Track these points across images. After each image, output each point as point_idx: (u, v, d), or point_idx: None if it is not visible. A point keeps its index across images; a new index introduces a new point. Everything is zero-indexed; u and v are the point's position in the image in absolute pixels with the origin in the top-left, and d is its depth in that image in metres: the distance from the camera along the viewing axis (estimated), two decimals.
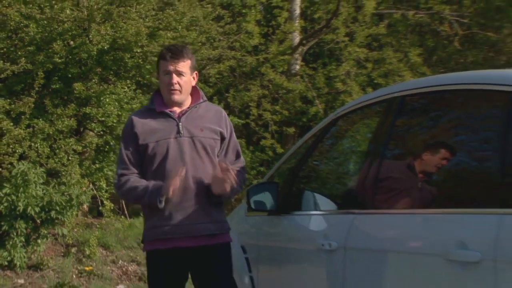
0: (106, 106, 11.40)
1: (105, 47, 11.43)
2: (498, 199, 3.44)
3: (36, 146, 11.00)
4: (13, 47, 11.79)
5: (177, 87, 4.57)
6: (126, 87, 11.86)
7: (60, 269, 10.70)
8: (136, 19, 11.68)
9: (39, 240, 10.54)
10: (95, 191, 11.63)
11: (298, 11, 17.07)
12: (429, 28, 18.74)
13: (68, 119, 11.33)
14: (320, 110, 16.01)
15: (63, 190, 10.44)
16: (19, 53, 11.53)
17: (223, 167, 4.46)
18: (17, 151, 10.83)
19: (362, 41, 16.59)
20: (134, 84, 12.21)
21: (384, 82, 15.77)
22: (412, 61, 16.78)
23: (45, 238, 10.69)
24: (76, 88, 11.29)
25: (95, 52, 11.46)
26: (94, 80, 11.73)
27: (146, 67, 12.05)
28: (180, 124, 4.58)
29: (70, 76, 11.68)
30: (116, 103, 11.48)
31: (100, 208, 12.10)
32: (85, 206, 12.23)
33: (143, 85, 12.84)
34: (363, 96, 6.36)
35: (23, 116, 11.00)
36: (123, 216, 12.48)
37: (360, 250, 4.23)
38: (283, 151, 15.00)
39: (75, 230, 11.63)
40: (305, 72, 16.52)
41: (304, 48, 16.80)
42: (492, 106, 3.76)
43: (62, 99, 11.81)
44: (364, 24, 16.64)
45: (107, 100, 11.43)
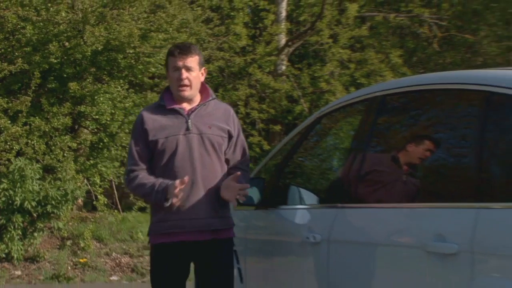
0: (100, 104, 11.39)
1: (99, 48, 11.40)
2: (474, 193, 3.45)
3: (32, 143, 10.99)
4: (10, 48, 11.78)
5: (186, 82, 4.47)
6: (119, 87, 11.84)
7: (55, 261, 10.68)
8: (129, 21, 11.65)
9: (35, 233, 10.54)
10: (89, 186, 11.62)
11: (284, 13, 17.07)
12: (409, 30, 18.81)
13: (64, 117, 11.33)
14: (305, 108, 16.03)
15: (58, 185, 10.42)
16: (16, 53, 11.53)
17: (237, 177, 4.41)
18: (14, 148, 10.83)
19: (345, 42, 16.61)
20: (126, 83, 12.19)
21: (366, 82, 15.77)
22: (393, 62, 16.81)
23: (41, 232, 10.69)
24: (71, 88, 11.27)
25: (89, 53, 11.45)
26: (88, 80, 11.72)
27: (139, 67, 12.03)
28: (189, 121, 4.47)
29: (65, 76, 11.68)
30: (109, 101, 11.47)
31: (94, 203, 12.08)
32: (79, 201, 12.21)
33: (135, 84, 12.81)
34: (346, 95, 6.38)
35: (20, 114, 11.01)
36: (116, 210, 12.45)
37: (343, 243, 4.23)
38: (269, 148, 14.98)
39: (70, 224, 11.61)
40: (290, 72, 16.52)
41: (290, 49, 16.81)
42: (469, 105, 3.77)
43: (57, 98, 11.80)
44: (347, 27, 16.64)
45: (101, 99, 11.42)
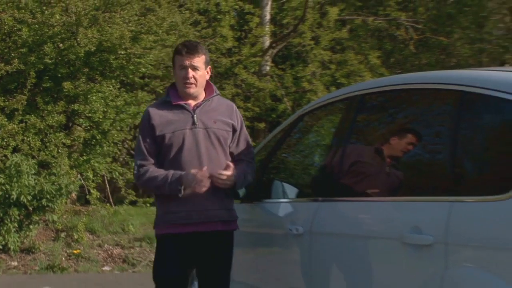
0: (93, 103, 11.36)
1: (91, 49, 11.35)
2: (448, 187, 3.46)
3: (28, 139, 10.95)
4: (7, 49, 11.74)
5: (192, 80, 4.42)
6: (111, 86, 11.79)
7: (50, 252, 10.64)
8: (120, 23, 11.61)
9: (31, 226, 10.50)
10: (82, 181, 11.59)
11: (268, 17, 17.06)
12: (387, 33, 18.85)
13: (58, 115, 11.30)
14: (288, 107, 16.03)
15: (53, 180, 10.38)
16: (13, 54, 11.50)
17: (227, 165, 4.39)
18: (10, 144, 10.79)
19: (327, 44, 16.64)
20: (118, 83, 12.14)
21: (346, 82, 15.80)
22: (372, 63, 16.86)
23: (36, 224, 10.66)
24: (65, 87, 11.24)
25: (82, 54, 11.40)
26: (81, 80, 11.68)
27: (130, 67, 12.00)
28: (195, 116, 4.43)
29: (59, 75, 11.64)
30: (102, 100, 11.44)
31: (87, 197, 12.05)
32: (73, 195, 12.18)
33: (126, 84, 12.77)
34: (327, 94, 6.37)
35: (16, 112, 10.97)
36: (108, 204, 12.39)
37: (324, 234, 4.23)
38: (254, 144, 14.90)
39: (64, 217, 11.56)
40: (274, 73, 16.52)
41: (274, 50, 16.81)
42: (443, 104, 3.77)
43: (52, 97, 11.76)
44: (328, 29, 16.67)
45: (94, 97, 11.39)
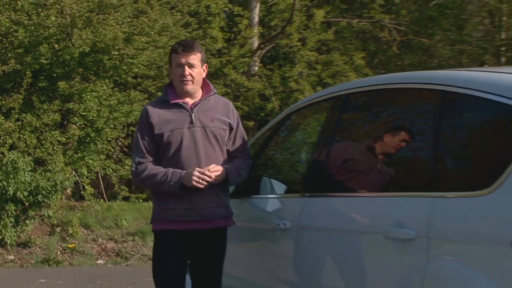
0: (87, 102, 11.35)
1: (86, 50, 11.33)
2: (430, 183, 3.46)
3: (24, 137, 10.95)
4: (3, 49, 11.71)
5: (189, 78, 4.37)
6: (105, 85, 11.78)
7: (46, 246, 10.61)
8: (114, 25, 11.60)
9: (27, 221, 10.48)
10: (77, 178, 11.57)
11: (256, 19, 17.05)
12: (371, 34, 18.87)
13: (53, 114, 11.30)
14: (276, 106, 16.02)
15: (48, 176, 10.36)
16: (9, 55, 11.46)
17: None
18: (7, 142, 10.79)
19: (313, 45, 16.64)
20: (111, 82, 12.13)
21: (332, 82, 15.80)
22: (356, 63, 16.87)
23: (32, 219, 10.64)
24: (60, 86, 11.24)
25: (77, 55, 11.38)
26: (76, 79, 11.67)
27: (123, 67, 11.99)
28: (193, 115, 4.37)
29: (55, 75, 11.63)
30: (96, 99, 11.44)
31: (81, 192, 12.03)
32: (68, 191, 12.14)
33: (119, 83, 12.74)
34: (314, 94, 6.36)
35: (13, 111, 10.99)
36: (102, 200, 12.37)
37: (311, 229, 4.23)
38: None
39: (60, 212, 11.53)
40: (263, 73, 16.52)
41: (262, 51, 16.81)
42: (425, 103, 3.77)
43: (47, 96, 11.75)
44: (314, 31, 16.68)
45: (88, 97, 11.37)
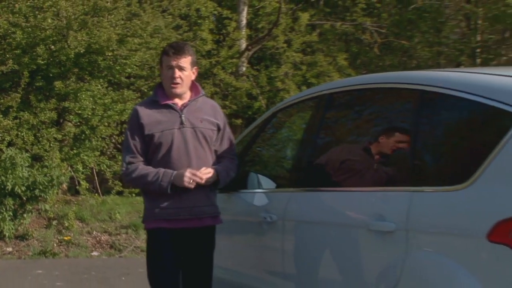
0: (82, 101, 11.31)
1: (81, 51, 11.33)
2: (409, 178, 3.47)
3: (22, 134, 10.94)
4: (2, 50, 11.68)
5: (179, 80, 4.29)
6: (99, 85, 11.75)
7: (43, 238, 10.59)
8: (108, 27, 11.59)
9: (25, 215, 10.46)
10: (73, 173, 11.55)
11: (244, 21, 17.03)
12: (353, 36, 18.89)
13: (50, 112, 11.29)
14: (263, 105, 16.02)
15: (45, 172, 10.33)
16: (7, 55, 11.42)
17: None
18: (5, 139, 10.79)
19: (298, 47, 16.64)
20: (106, 82, 12.10)
21: (316, 82, 15.82)
22: (340, 64, 16.90)
23: (30, 213, 10.62)
24: (57, 86, 11.25)
25: (72, 55, 11.37)
26: (72, 79, 11.65)
27: (116, 68, 11.97)
28: (183, 115, 4.31)
29: (51, 75, 11.60)
30: (90, 98, 11.40)
31: (77, 187, 12.01)
32: (64, 186, 12.11)
33: (113, 83, 12.70)
34: (299, 93, 6.36)
35: (11, 109, 10.98)
36: (96, 194, 12.37)
37: (296, 222, 4.23)
38: None
39: (56, 206, 11.50)
40: (250, 73, 16.51)
41: (250, 52, 16.79)
42: (405, 101, 3.79)
43: (44, 95, 11.72)
44: (299, 33, 16.68)
45: (83, 96, 11.34)
